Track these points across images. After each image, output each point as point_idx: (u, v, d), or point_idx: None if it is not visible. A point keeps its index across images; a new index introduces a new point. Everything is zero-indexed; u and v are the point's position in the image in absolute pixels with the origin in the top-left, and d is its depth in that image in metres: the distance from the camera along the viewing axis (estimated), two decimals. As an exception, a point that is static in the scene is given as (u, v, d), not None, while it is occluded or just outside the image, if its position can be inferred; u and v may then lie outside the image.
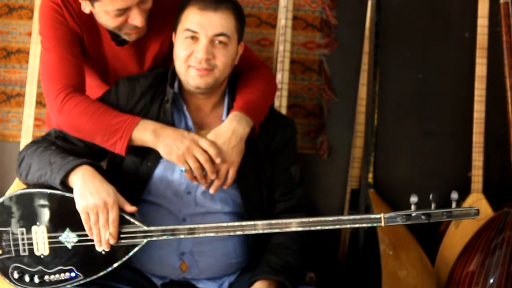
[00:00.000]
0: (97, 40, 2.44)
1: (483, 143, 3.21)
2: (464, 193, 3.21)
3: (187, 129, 2.27)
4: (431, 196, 2.03)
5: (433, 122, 3.36)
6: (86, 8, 2.30)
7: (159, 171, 2.24)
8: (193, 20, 2.19)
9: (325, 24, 3.27)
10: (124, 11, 2.24)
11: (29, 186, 2.21)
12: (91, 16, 2.36)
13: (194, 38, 2.19)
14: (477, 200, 3.19)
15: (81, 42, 2.41)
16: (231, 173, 2.21)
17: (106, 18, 2.28)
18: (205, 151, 2.17)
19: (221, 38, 2.19)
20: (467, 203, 3.18)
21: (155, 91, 2.30)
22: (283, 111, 2.95)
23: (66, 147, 2.25)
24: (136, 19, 2.26)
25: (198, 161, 2.17)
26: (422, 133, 3.36)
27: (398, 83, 3.33)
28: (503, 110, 3.16)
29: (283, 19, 3.01)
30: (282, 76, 2.96)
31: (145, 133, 2.19)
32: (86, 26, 2.40)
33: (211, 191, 2.21)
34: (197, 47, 2.18)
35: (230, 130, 2.21)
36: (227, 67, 2.23)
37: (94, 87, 2.52)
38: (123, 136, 2.19)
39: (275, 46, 3.10)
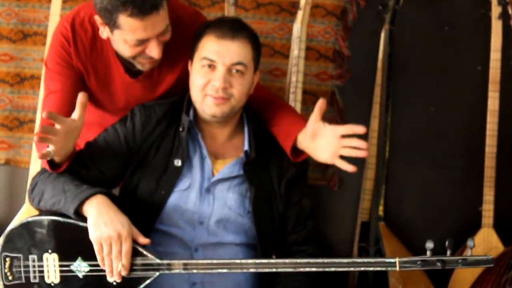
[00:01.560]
0: (107, 74, 2.44)
1: (495, 178, 3.19)
2: (475, 227, 3.18)
3: (202, 157, 2.27)
4: (446, 243, 2.03)
5: (445, 156, 3.34)
6: (104, 33, 2.29)
7: (173, 199, 2.23)
8: (211, 48, 2.20)
9: (338, 55, 3.27)
10: (143, 42, 2.24)
11: (41, 212, 2.21)
12: (102, 49, 2.37)
13: (211, 66, 2.20)
14: (487, 234, 3.17)
15: (83, 81, 2.42)
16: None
17: (124, 46, 2.27)
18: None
19: (238, 67, 2.20)
20: (477, 238, 3.15)
21: (170, 119, 2.30)
22: (295, 141, 2.94)
23: (79, 172, 2.22)
24: (154, 50, 2.25)
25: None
26: (433, 166, 3.34)
27: (410, 116, 3.32)
28: (515, 144, 3.16)
29: (296, 50, 3.00)
30: (294, 107, 2.95)
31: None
32: (95, 61, 2.40)
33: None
34: (214, 75, 2.19)
35: None
36: (243, 96, 2.24)
37: (99, 120, 2.51)
38: None
39: (288, 76, 3.10)
